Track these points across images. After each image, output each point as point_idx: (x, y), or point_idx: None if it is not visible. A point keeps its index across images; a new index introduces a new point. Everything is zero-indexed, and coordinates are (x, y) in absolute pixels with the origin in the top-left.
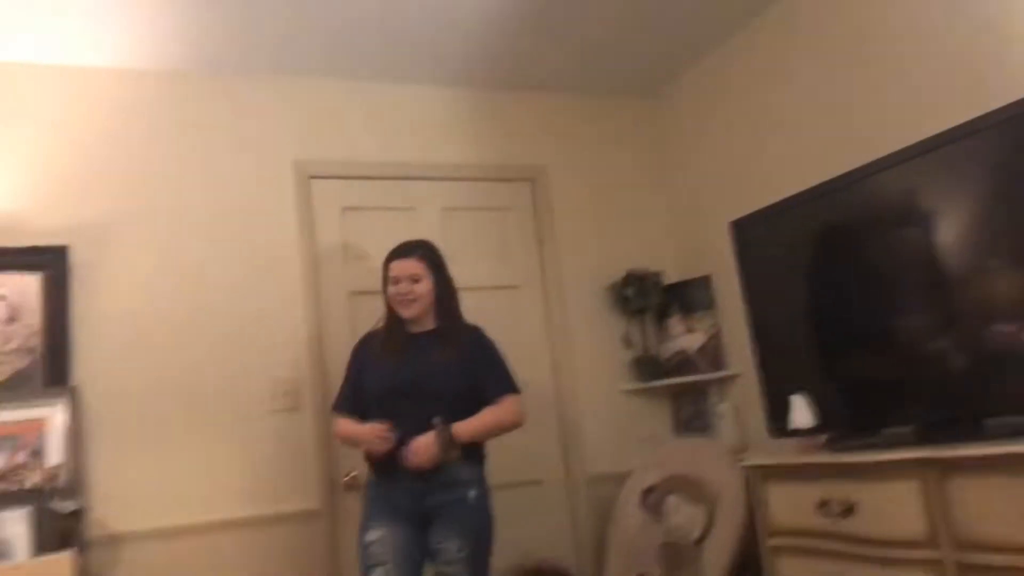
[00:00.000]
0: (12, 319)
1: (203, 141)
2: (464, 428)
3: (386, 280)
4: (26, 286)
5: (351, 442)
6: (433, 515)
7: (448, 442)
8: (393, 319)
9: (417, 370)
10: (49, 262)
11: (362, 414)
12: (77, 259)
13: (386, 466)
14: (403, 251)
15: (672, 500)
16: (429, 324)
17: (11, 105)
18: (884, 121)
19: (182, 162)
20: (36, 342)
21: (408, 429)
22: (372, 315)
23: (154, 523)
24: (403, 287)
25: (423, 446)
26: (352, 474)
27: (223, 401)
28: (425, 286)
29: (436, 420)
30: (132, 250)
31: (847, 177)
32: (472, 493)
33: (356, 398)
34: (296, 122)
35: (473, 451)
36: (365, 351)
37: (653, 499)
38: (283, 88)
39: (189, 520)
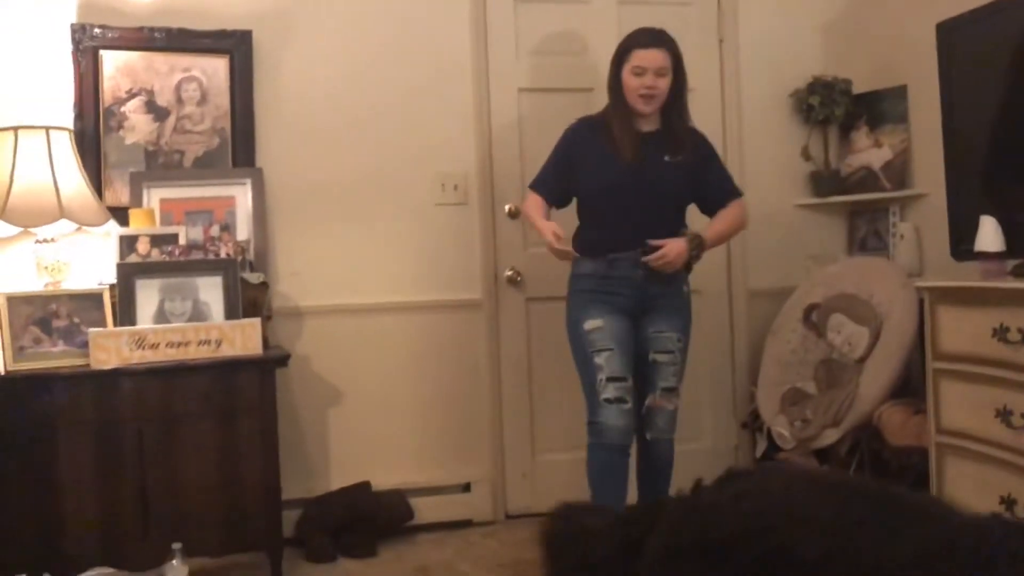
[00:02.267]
0: (203, 100)
1: None
2: (712, 236)
3: (620, 66)
4: (215, 69)
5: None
6: (651, 305)
7: (699, 248)
8: (622, 111)
9: (650, 170)
10: (235, 46)
11: (560, 199)
12: (260, 45)
13: (609, 248)
14: (651, 39)
15: (837, 318)
16: (655, 122)
17: None
18: None
19: None
20: (224, 124)
21: (630, 227)
22: (543, 113)
23: (331, 300)
24: (648, 80)
25: (677, 253)
26: (514, 270)
27: (394, 191)
28: (667, 82)
29: (685, 230)
30: (312, 39)
31: None
32: (686, 289)
33: (557, 183)
34: None
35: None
36: (584, 140)
37: (817, 316)
38: None
39: (362, 300)
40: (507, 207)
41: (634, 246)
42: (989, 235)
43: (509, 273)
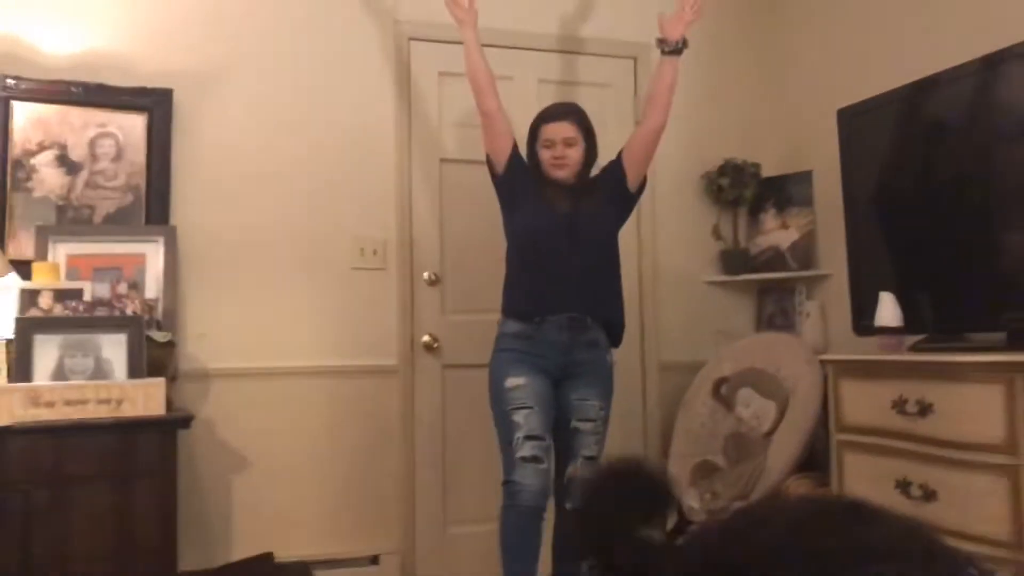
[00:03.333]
0: (119, 156)
1: None
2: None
3: (534, 142)
4: (133, 125)
5: (465, 49)
6: (575, 371)
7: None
8: (538, 174)
9: (577, 223)
10: (155, 104)
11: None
12: (180, 103)
13: (537, 311)
14: (558, 113)
15: (745, 392)
16: (570, 181)
17: None
18: (1005, 8)
19: (286, 12)
20: (139, 180)
21: (558, 290)
22: (464, 183)
23: (240, 363)
24: (558, 151)
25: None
26: (431, 336)
27: (312, 253)
28: (578, 151)
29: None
30: (234, 99)
31: (961, 69)
32: (610, 358)
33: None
34: None
35: (616, 327)
36: (528, 172)
37: (726, 390)
38: None
39: (273, 363)
40: (426, 274)
41: (561, 309)
42: (888, 311)
43: (426, 339)
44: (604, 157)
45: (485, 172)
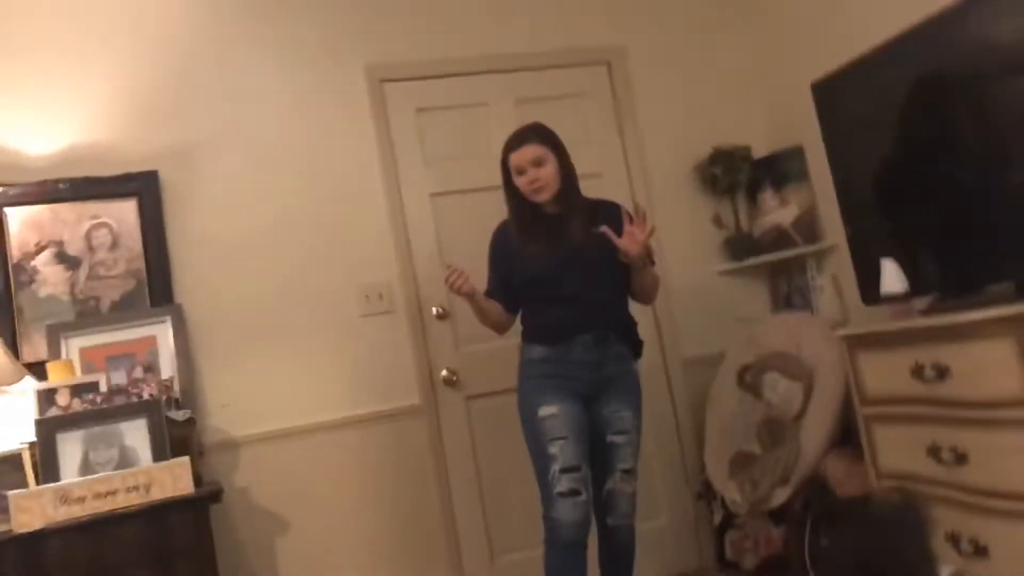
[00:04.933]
0: (115, 245)
1: (276, 57)
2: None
3: (508, 175)
4: (124, 212)
5: (475, 310)
6: (607, 385)
7: (648, 255)
8: (524, 208)
9: (573, 254)
10: (142, 187)
11: (511, 304)
12: (167, 183)
13: (563, 333)
14: (518, 139)
15: (770, 377)
16: (555, 207)
17: (90, 39)
18: None
19: (258, 80)
20: (139, 265)
21: (579, 309)
22: (457, 213)
23: (265, 427)
24: (530, 175)
25: (636, 237)
26: (449, 371)
27: (318, 309)
28: (551, 168)
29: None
30: (219, 170)
31: (934, 19)
32: (636, 369)
33: (505, 289)
34: (363, 24)
35: (636, 340)
36: (508, 242)
37: (751, 377)
38: None
39: (298, 422)
40: (434, 309)
41: (586, 329)
42: (891, 277)
43: (445, 374)
44: (599, 166)
45: (476, 200)
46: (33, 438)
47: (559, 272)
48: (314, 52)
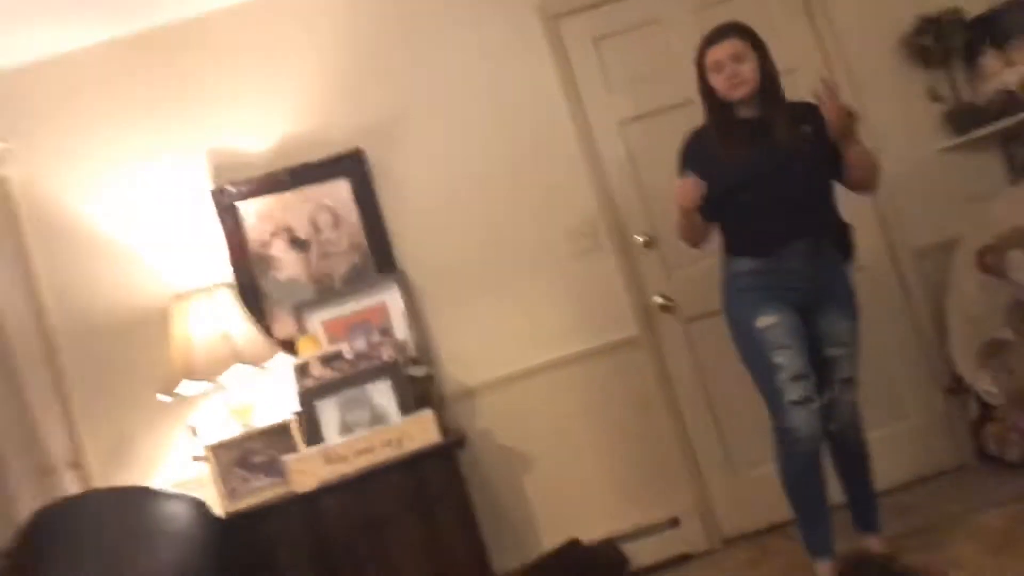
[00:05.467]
0: (337, 223)
1: (452, 17)
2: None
3: (703, 72)
4: (340, 191)
5: (686, 223)
6: (822, 296)
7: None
8: (720, 112)
9: (778, 150)
10: (351, 166)
11: (709, 213)
12: (373, 158)
13: (776, 241)
14: (717, 34)
15: (1015, 255)
16: (755, 110)
17: (287, 37)
18: None
19: (440, 45)
20: (360, 239)
21: (784, 217)
22: (650, 137)
23: (496, 373)
24: (728, 70)
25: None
26: (664, 297)
27: (528, 255)
28: (751, 66)
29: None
30: (415, 138)
31: None
32: (850, 272)
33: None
34: None
35: (847, 240)
36: (700, 150)
37: (992, 258)
38: None
39: (525, 364)
40: (639, 238)
41: (799, 236)
42: None
43: (660, 301)
44: (794, 61)
45: (666, 121)
46: (296, 408)
47: (768, 176)
48: (486, 2)
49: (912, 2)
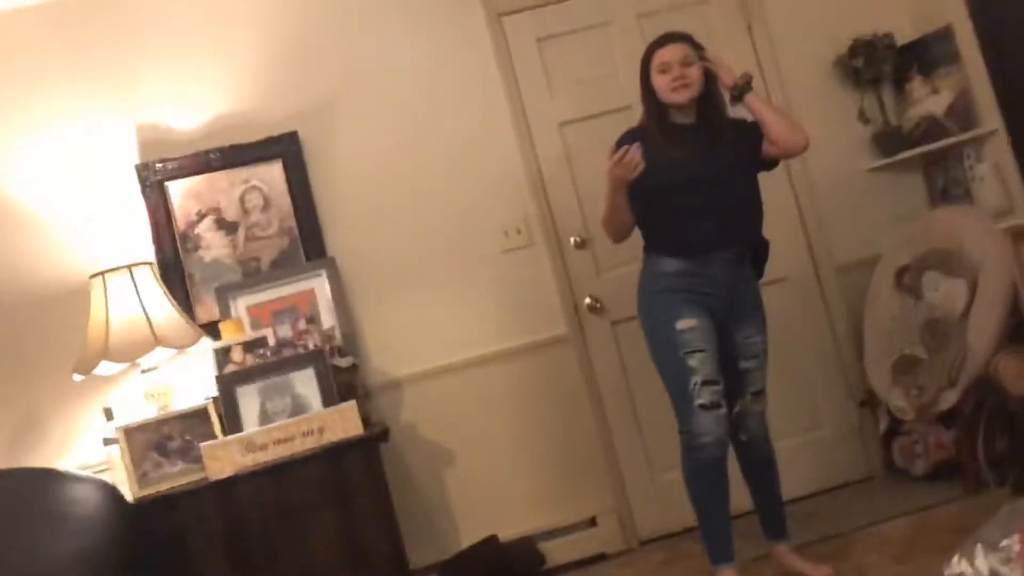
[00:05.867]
0: (267, 206)
1: (395, 4)
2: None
3: (648, 73)
4: (271, 174)
5: (614, 207)
6: (738, 308)
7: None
8: (658, 115)
9: (714, 159)
10: (284, 149)
11: (637, 211)
12: (307, 142)
13: (704, 247)
14: (667, 38)
15: (930, 276)
16: (691, 116)
17: (221, 15)
18: None
19: (380, 32)
20: (290, 223)
21: (714, 223)
22: (588, 140)
23: (422, 366)
24: (675, 72)
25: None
26: (593, 298)
27: (461, 248)
28: (697, 72)
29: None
30: (351, 123)
31: None
32: (758, 287)
33: (631, 196)
34: None
35: (763, 257)
36: (640, 146)
37: (909, 278)
38: None
39: (452, 359)
40: (572, 239)
41: (727, 245)
42: None
43: (588, 302)
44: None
45: (606, 125)
46: (215, 393)
47: (705, 182)
48: None
49: (849, 24)
